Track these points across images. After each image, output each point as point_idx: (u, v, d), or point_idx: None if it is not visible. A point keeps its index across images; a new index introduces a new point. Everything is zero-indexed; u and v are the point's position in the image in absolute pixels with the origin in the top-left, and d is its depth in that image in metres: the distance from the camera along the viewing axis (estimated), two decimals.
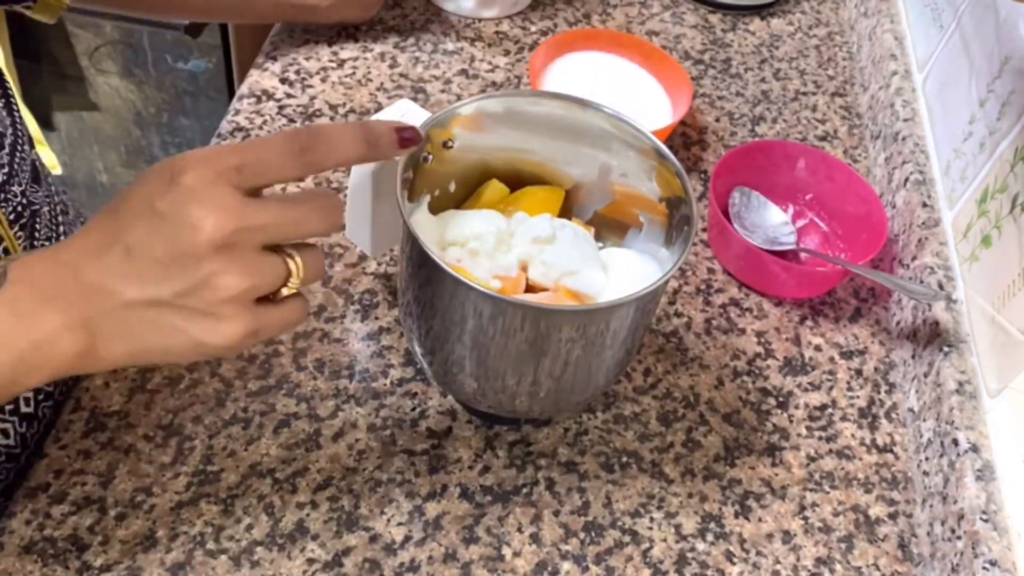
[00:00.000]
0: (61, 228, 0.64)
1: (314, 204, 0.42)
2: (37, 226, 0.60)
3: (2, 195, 0.56)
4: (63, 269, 0.40)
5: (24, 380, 0.41)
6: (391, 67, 0.86)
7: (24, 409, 0.58)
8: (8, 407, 0.57)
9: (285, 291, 0.42)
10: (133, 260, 0.39)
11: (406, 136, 0.47)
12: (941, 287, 0.68)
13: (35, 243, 0.60)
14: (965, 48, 0.76)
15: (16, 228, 0.57)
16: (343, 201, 0.43)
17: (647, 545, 0.57)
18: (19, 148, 0.58)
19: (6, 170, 0.56)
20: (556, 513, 0.58)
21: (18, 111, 0.61)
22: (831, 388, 0.68)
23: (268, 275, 0.41)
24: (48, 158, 1.31)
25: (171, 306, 0.40)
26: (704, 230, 0.77)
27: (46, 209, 0.62)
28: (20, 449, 0.59)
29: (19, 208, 0.57)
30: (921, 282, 0.69)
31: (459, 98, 0.84)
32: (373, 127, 0.45)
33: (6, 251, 0.56)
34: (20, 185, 0.58)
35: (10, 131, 0.58)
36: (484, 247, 0.55)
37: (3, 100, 0.58)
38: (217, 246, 0.39)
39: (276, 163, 0.41)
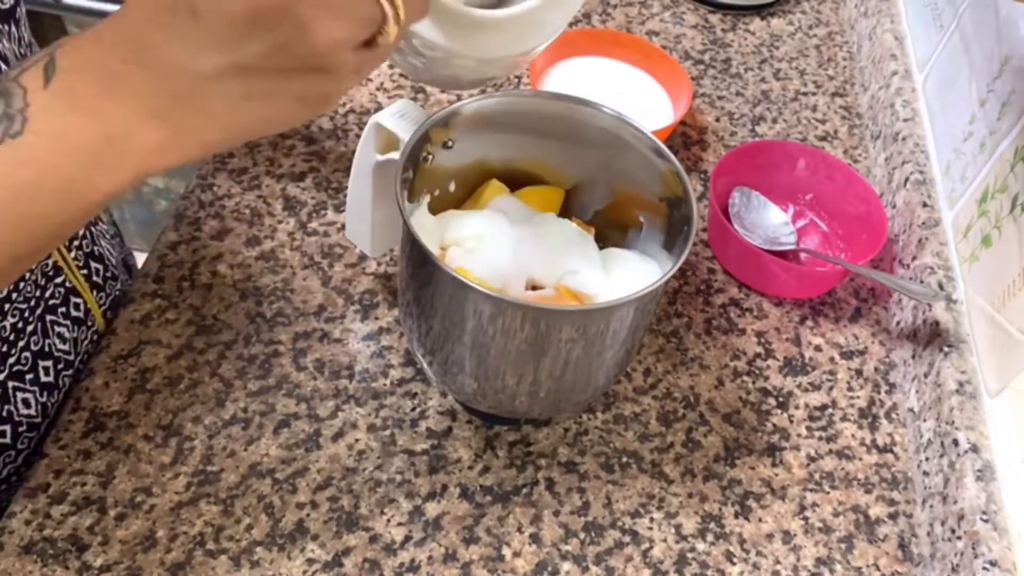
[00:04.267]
0: None
1: None
2: None
3: None
4: (121, 49, 0.34)
5: (101, 184, 0.35)
6: (391, 67, 0.86)
7: (44, 379, 0.58)
8: (28, 376, 0.57)
9: (381, 39, 0.36)
10: (201, 22, 0.33)
11: None
12: (941, 287, 0.68)
13: None
14: (965, 48, 0.76)
15: None
16: None
17: (647, 545, 0.57)
18: None
19: None
20: (556, 513, 0.58)
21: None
22: (831, 388, 0.68)
23: (362, 22, 0.35)
24: None
25: (258, 69, 0.34)
26: (704, 230, 0.77)
27: None
28: (41, 419, 0.59)
29: None
30: (921, 282, 0.69)
31: (459, 98, 0.84)
32: None
33: None
34: None
35: None
36: (484, 247, 0.55)
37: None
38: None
39: None
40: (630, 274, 0.57)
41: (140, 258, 0.71)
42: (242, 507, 0.56)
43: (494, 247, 0.56)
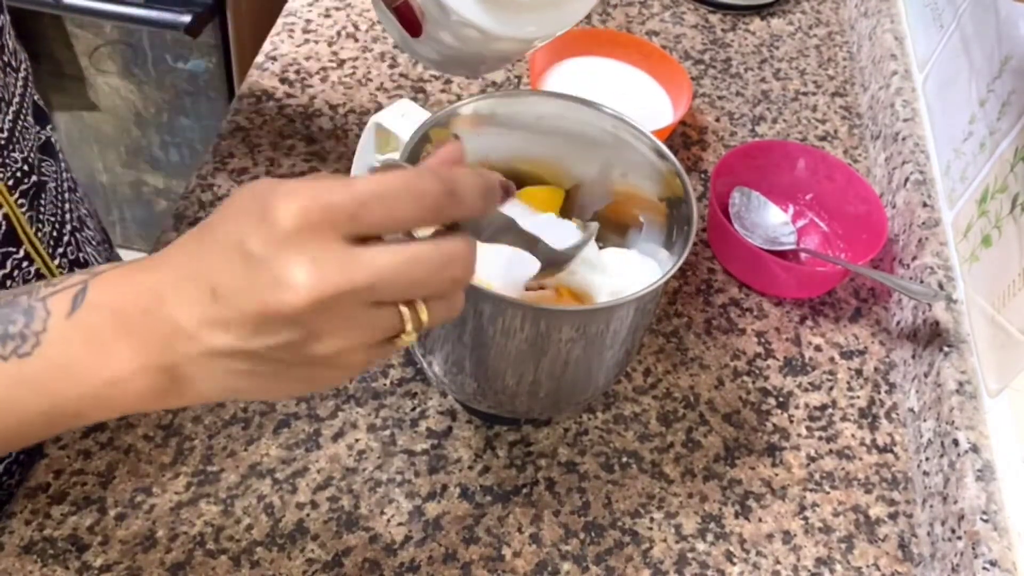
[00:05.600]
0: (67, 205, 0.64)
1: (443, 257, 0.35)
2: (42, 199, 0.60)
3: (1, 159, 0.55)
4: (144, 297, 0.35)
5: (92, 415, 0.37)
6: (391, 67, 0.86)
7: None
8: None
9: (397, 343, 0.37)
10: (219, 306, 0.34)
11: (505, 191, 0.40)
12: (941, 287, 0.68)
13: (40, 215, 0.59)
14: (965, 48, 0.76)
15: (17, 195, 0.56)
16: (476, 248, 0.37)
17: (647, 545, 0.57)
18: (23, 117, 0.58)
19: (5, 135, 0.55)
20: (556, 513, 0.58)
21: (31, 87, 0.60)
22: (831, 388, 0.68)
23: (377, 331, 0.35)
24: None
25: (266, 359, 0.35)
26: (704, 230, 0.77)
27: (53, 185, 0.62)
28: None
29: (19, 175, 0.56)
30: (921, 282, 0.69)
31: (459, 98, 0.84)
32: (488, 181, 0.38)
33: (6, 217, 0.55)
34: (22, 152, 0.57)
35: (16, 100, 0.58)
36: (484, 247, 0.55)
37: (14, 73, 0.58)
38: (314, 309, 0.33)
39: (403, 218, 0.34)
40: (630, 274, 0.57)
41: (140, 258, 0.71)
42: (242, 507, 0.56)
43: (494, 247, 0.56)
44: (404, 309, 0.35)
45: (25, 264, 0.57)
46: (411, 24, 0.51)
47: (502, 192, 0.39)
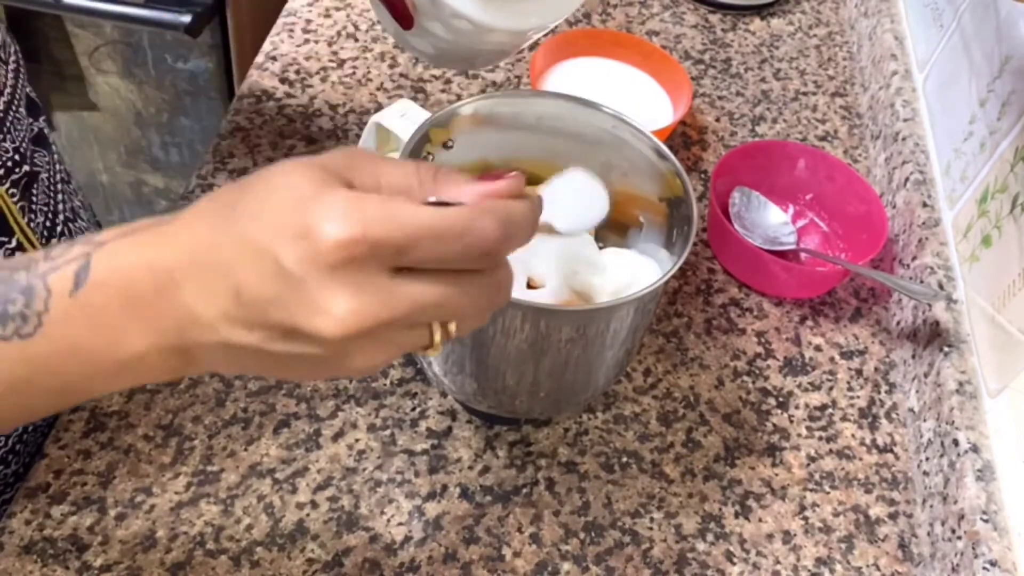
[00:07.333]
0: (60, 196, 0.64)
1: (490, 289, 0.35)
2: (34, 189, 0.60)
3: None
4: (159, 279, 0.33)
5: (97, 390, 0.36)
6: (391, 67, 0.86)
7: None
8: None
9: (422, 353, 0.36)
10: (241, 306, 0.33)
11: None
12: (941, 287, 0.68)
13: (33, 205, 0.59)
14: (965, 48, 0.76)
15: (8, 184, 0.56)
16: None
17: (647, 545, 0.57)
18: (14, 108, 0.58)
19: None
20: (556, 513, 0.58)
21: (23, 79, 0.60)
22: (831, 388, 0.68)
23: (405, 348, 0.35)
24: None
25: (287, 357, 0.34)
26: (704, 230, 0.77)
27: (46, 175, 0.62)
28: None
29: (9, 164, 0.56)
30: (921, 282, 0.69)
31: (459, 98, 0.84)
32: (538, 208, 0.38)
33: None
34: (13, 142, 0.57)
35: (7, 91, 0.58)
36: None
37: (3, 65, 0.58)
38: (349, 338, 0.32)
39: (453, 259, 0.33)
40: (630, 274, 0.57)
41: None
42: (242, 507, 0.56)
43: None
44: (436, 327, 0.34)
45: (17, 254, 0.57)
46: (403, 15, 0.51)
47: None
